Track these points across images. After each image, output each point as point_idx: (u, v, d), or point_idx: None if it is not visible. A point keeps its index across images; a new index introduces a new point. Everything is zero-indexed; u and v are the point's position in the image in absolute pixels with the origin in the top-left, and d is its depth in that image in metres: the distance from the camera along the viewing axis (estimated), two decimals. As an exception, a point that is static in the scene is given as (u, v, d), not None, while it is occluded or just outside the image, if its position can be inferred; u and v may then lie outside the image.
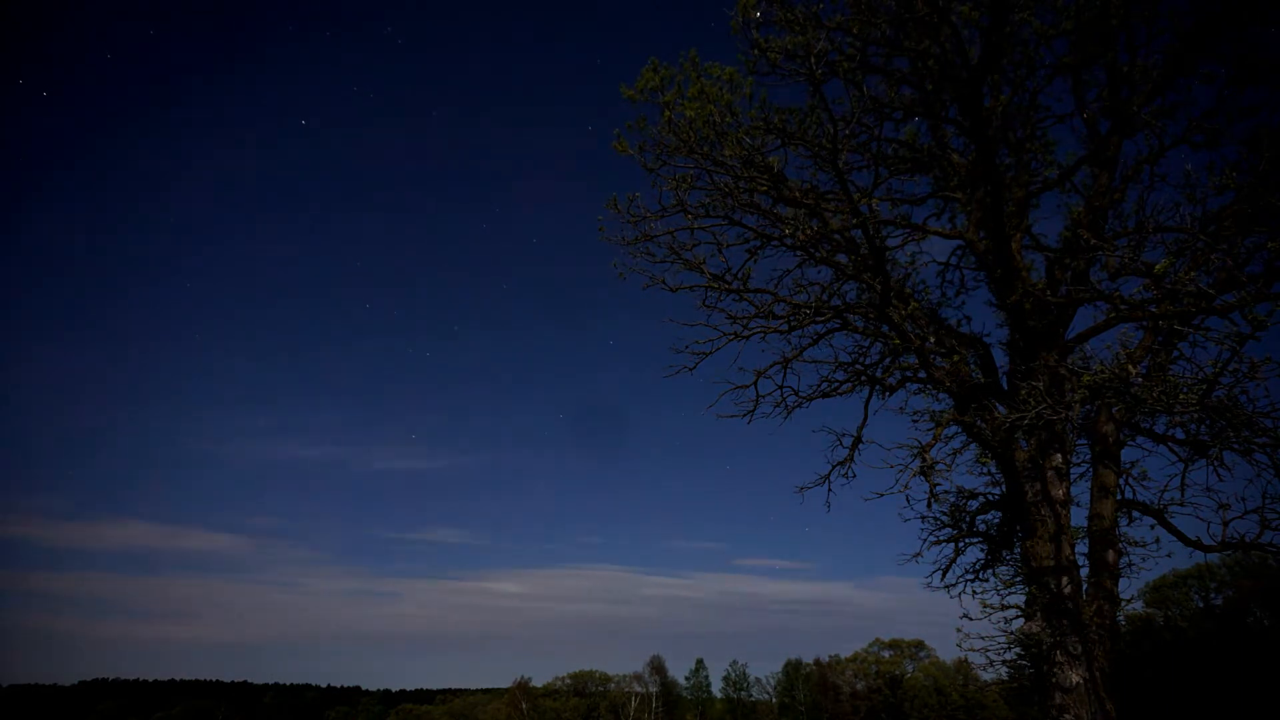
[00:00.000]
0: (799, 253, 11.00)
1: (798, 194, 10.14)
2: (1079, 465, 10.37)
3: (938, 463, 10.59)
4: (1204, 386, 8.13)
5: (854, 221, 9.91)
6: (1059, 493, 9.51)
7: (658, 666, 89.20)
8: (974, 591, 10.87)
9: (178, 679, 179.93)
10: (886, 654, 78.28)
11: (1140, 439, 10.21)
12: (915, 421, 11.05)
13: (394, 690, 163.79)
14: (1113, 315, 9.30)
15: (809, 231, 10.32)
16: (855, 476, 11.93)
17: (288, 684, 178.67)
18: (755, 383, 11.87)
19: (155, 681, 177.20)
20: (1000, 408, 9.83)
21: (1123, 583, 9.59)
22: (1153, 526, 9.76)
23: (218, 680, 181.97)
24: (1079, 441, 10.31)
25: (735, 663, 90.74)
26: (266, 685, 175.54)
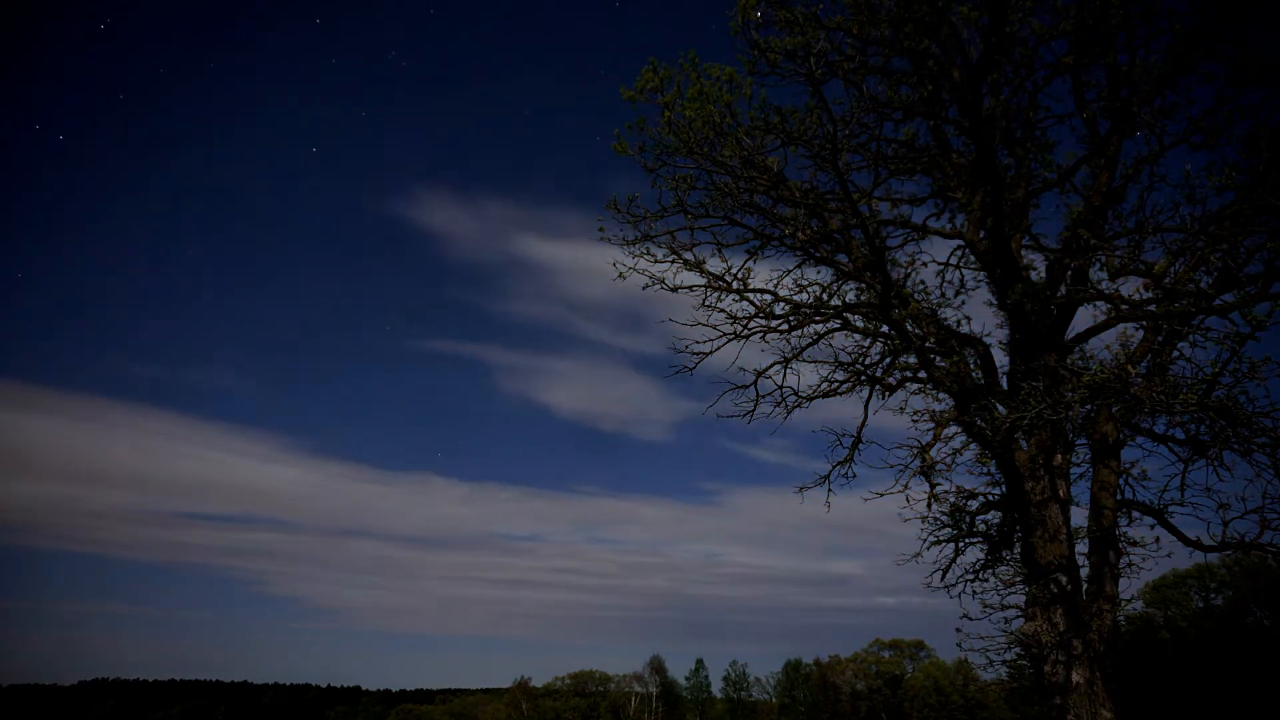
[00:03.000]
0: (799, 253, 11.00)
1: (798, 194, 10.13)
2: (1079, 465, 10.37)
3: (938, 463, 10.60)
4: (1204, 386, 8.13)
5: (854, 221, 9.92)
6: (1059, 493, 9.51)
7: (658, 666, 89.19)
8: (974, 591, 10.87)
9: (178, 679, 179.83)
10: (886, 654, 78.26)
11: (1140, 439, 10.21)
12: (915, 422, 11.05)
13: (394, 690, 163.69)
14: (1113, 315, 9.30)
15: (809, 231, 10.32)
16: (855, 476, 11.95)
17: (288, 684, 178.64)
18: (755, 383, 11.88)
19: (155, 681, 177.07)
20: (1000, 408, 9.83)
21: (1123, 583, 9.59)
22: (1153, 526, 9.76)
23: (217, 680, 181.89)
24: (1079, 441, 10.31)
25: (735, 663, 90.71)
26: (266, 685, 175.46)
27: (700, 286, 11.16)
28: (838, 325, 11.35)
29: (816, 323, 11.26)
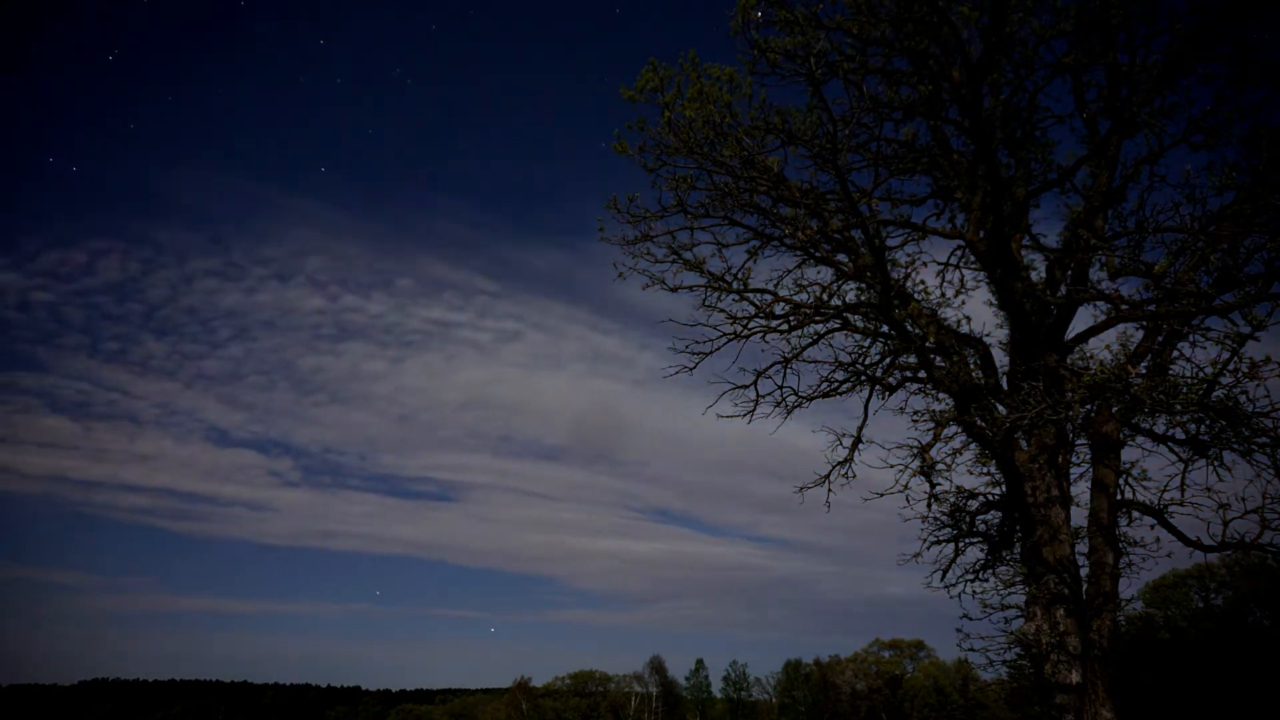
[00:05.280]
0: (799, 253, 11.00)
1: (798, 194, 10.13)
2: (1079, 465, 10.37)
3: (938, 463, 10.60)
4: (1204, 386, 8.13)
5: (854, 221, 9.92)
6: (1059, 492, 9.51)
7: (658, 666, 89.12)
8: (974, 591, 10.87)
9: (178, 679, 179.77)
10: (886, 654, 78.22)
11: (1140, 439, 10.20)
12: (915, 422, 11.05)
13: (394, 690, 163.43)
14: (1113, 315, 9.30)
15: (809, 231, 10.32)
16: (855, 476, 11.93)
17: (288, 684, 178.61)
18: (755, 383, 11.88)
19: (155, 681, 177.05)
20: (1000, 408, 9.83)
21: (1123, 583, 9.59)
22: (1153, 526, 9.76)
23: (217, 680, 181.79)
24: (1079, 441, 10.31)
25: (735, 663, 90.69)
26: (266, 685, 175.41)
27: (700, 286, 11.16)
28: (838, 325, 11.35)
29: (816, 323, 11.26)
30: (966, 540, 11.10)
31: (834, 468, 11.94)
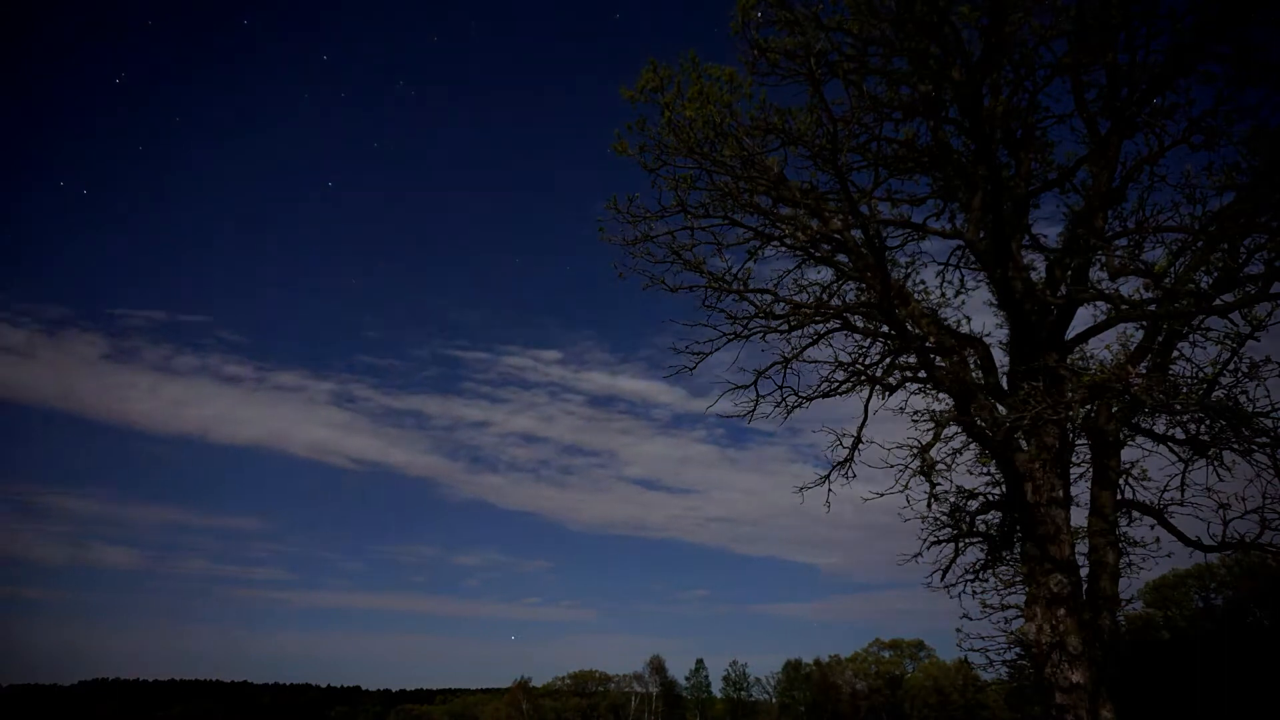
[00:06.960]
0: (799, 253, 11.01)
1: (798, 194, 10.13)
2: (1079, 465, 10.38)
3: (938, 463, 10.62)
4: (1204, 386, 8.15)
5: (854, 221, 9.91)
6: (1059, 493, 9.51)
7: (658, 666, 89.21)
8: (974, 591, 10.88)
9: (178, 679, 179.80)
10: (886, 654, 78.32)
11: (1140, 439, 10.21)
12: (915, 422, 11.06)
13: (394, 690, 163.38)
14: (1113, 315, 9.30)
15: (809, 231, 10.31)
16: (855, 476, 11.95)
17: (288, 684, 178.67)
18: (755, 383, 11.89)
19: (155, 681, 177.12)
20: (1000, 408, 9.83)
21: (1123, 583, 9.60)
22: (1153, 526, 9.77)
23: (218, 680, 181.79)
24: (1079, 441, 10.32)
25: (735, 662, 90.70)
26: (266, 685, 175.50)
27: (700, 287, 11.17)
28: (838, 325, 11.36)
29: (816, 323, 11.26)
30: (966, 540, 11.10)
31: (834, 467, 11.97)
